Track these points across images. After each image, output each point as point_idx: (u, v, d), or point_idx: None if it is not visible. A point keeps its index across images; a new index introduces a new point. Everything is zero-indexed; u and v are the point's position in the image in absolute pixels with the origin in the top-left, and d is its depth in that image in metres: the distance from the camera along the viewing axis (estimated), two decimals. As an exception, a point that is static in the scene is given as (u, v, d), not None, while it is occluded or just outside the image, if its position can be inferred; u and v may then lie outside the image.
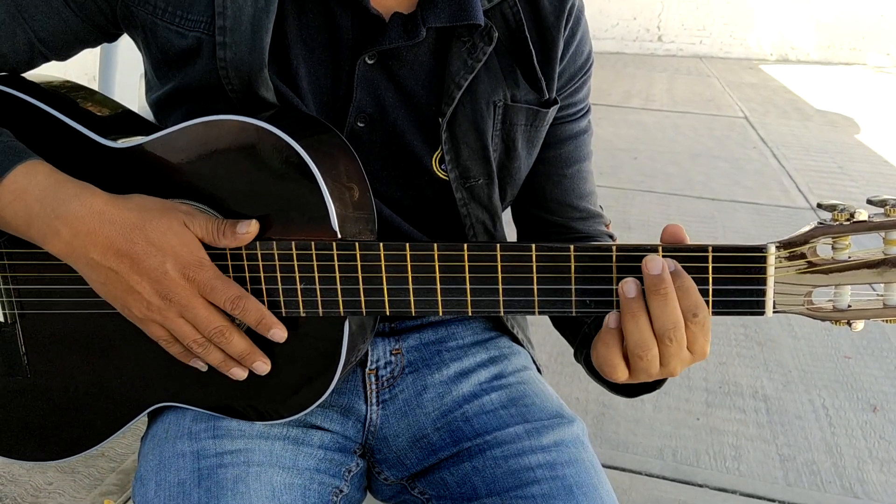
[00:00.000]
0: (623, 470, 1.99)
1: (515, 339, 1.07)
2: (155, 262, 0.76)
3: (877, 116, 6.48)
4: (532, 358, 1.08)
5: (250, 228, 0.78)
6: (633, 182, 4.40)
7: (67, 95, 0.91)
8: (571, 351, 0.97)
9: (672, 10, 9.79)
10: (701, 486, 1.97)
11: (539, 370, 1.08)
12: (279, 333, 0.80)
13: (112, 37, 0.93)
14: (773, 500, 1.93)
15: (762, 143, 5.45)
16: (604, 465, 0.94)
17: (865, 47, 9.46)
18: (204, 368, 0.83)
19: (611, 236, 1.06)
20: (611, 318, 0.74)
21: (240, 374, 0.82)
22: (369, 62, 0.87)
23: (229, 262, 0.79)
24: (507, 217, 1.01)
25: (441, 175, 0.92)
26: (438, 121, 0.89)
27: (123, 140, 0.84)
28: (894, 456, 2.11)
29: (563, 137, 1.00)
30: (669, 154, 5.03)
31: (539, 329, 2.56)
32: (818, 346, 2.68)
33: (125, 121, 0.92)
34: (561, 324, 1.03)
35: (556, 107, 0.96)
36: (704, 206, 4.09)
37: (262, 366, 0.82)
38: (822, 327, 2.80)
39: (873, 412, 2.31)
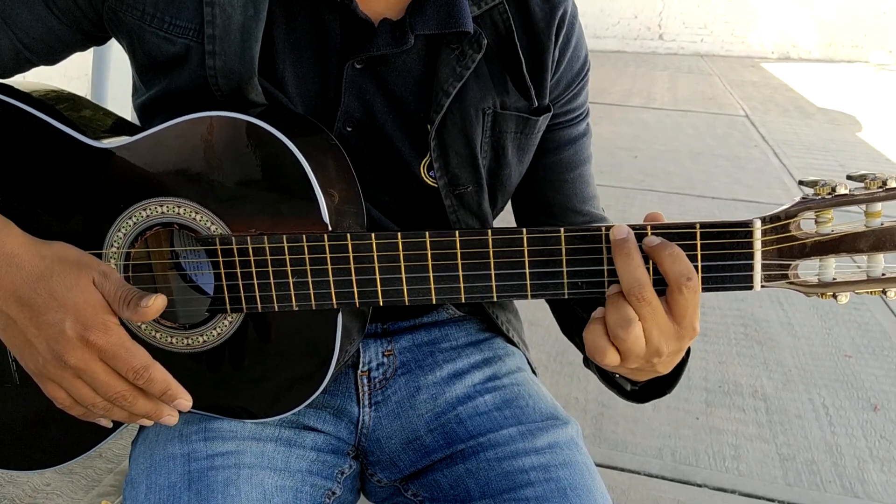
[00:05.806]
0: (622, 470, 1.98)
1: (510, 341, 1.06)
2: (54, 317, 0.72)
3: (879, 114, 6.45)
4: (527, 359, 1.07)
5: (152, 303, 0.73)
6: (634, 181, 4.39)
7: (54, 102, 0.89)
8: (571, 350, 0.96)
9: (673, 9, 9.76)
10: (700, 485, 1.96)
11: (534, 371, 1.08)
12: (184, 404, 0.76)
13: (100, 40, 0.92)
14: (773, 500, 1.92)
15: (763, 141, 5.43)
16: (602, 465, 0.94)
17: (868, 45, 9.43)
18: (109, 426, 0.81)
19: None
20: (597, 310, 0.75)
21: (147, 423, 0.79)
22: (357, 67, 0.86)
23: (220, 259, 0.79)
24: (498, 222, 1.00)
25: (429, 182, 0.91)
26: (427, 128, 0.88)
27: (109, 140, 0.83)
28: (895, 455, 2.10)
29: (563, 142, 0.99)
30: (670, 153, 5.02)
31: (538, 329, 2.57)
32: (818, 345, 2.67)
33: (112, 124, 0.91)
34: (570, 330, 1.02)
35: (547, 115, 0.95)
36: (705, 204, 4.08)
37: (170, 419, 0.78)
38: (823, 326, 2.79)
39: (874, 411, 2.30)
